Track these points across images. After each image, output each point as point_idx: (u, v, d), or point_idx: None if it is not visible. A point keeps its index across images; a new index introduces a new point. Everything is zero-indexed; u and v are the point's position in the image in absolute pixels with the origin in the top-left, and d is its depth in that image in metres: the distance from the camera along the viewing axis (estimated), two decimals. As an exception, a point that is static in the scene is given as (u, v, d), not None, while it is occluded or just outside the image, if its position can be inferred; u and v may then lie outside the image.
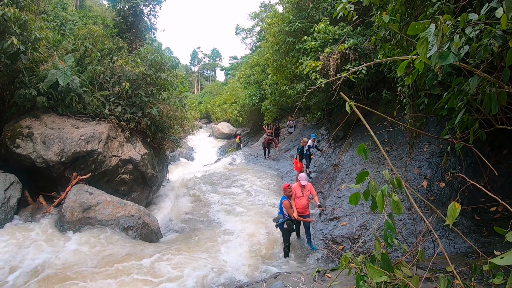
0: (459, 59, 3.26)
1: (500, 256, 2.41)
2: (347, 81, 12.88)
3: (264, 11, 46.65)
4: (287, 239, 8.82)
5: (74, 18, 25.65)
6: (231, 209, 12.87)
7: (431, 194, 7.90)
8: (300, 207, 8.96)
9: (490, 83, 3.56)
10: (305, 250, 9.32)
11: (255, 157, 23.10)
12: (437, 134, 8.11)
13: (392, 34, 6.45)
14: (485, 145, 7.29)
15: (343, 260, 3.41)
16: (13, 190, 9.99)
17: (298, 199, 9.01)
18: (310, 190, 9.13)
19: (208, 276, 7.77)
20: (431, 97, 6.58)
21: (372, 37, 7.07)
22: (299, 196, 9.01)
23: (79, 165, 11.45)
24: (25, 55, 10.93)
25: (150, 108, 13.52)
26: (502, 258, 2.39)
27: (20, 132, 10.78)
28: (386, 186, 3.08)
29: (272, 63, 19.26)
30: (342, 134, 15.51)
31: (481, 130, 4.35)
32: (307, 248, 9.32)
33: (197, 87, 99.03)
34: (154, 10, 17.99)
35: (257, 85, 32.09)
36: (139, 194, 13.64)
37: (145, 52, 14.49)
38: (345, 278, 5.09)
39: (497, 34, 3.27)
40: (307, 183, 9.03)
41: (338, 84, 4.73)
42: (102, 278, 7.38)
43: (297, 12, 17.20)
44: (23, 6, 11.25)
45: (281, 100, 23.32)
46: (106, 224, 10.02)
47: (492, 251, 4.91)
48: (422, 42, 3.06)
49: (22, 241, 8.75)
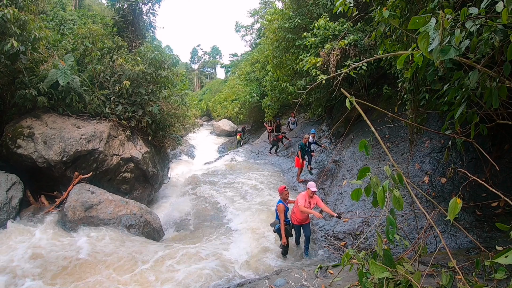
0: (460, 53, 3.24)
1: (504, 255, 2.40)
2: (348, 77, 12.86)
3: (264, 7, 46.46)
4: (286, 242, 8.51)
5: (74, 18, 25.55)
6: (233, 206, 12.89)
7: (433, 190, 7.90)
8: (302, 218, 8.47)
9: (490, 78, 3.55)
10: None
11: (256, 154, 23.09)
12: (438, 129, 8.10)
13: (393, 29, 6.45)
14: (486, 140, 7.29)
15: (345, 256, 3.41)
16: (15, 191, 10.01)
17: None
18: (318, 202, 8.42)
19: (211, 272, 7.78)
20: (432, 92, 6.57)
21: (373, 33, 7.06)
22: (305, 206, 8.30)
23: (80, 164, 11.45)
24: (25, 55, 10.92)
25: (151, 107, 13.51)
26: (506, 257, 2.38)
27: (21, 132, 10.78)
28: (387, 181, 3.08)
29: (272, 59, 19.24)
30: (343, 130, 15.51)
31: (482, 125, 4.35)
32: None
33: (197, 85, 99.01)
34: (153, 8, 17.92)
35: (258, 82, 32.05)
36: (140, 193, 13.65)
37: (145, 50, 14.47)
38: (347, 274, 5.10)
39: (497, 29, 3.26)
40: (315, 190, 8.36)
41: (338, 80, 4.72)
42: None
43: (297, 9, 17.15)
44: (22, 6, 11.23)
45: (282, 97, 23.25)
46: (108, 223, 10.04)
47: (494, 246, 4.92)
48: (423, 37, 3.04)
49: (24, 241, 8.78)
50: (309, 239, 8.80)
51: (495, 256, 2.47)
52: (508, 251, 2.40)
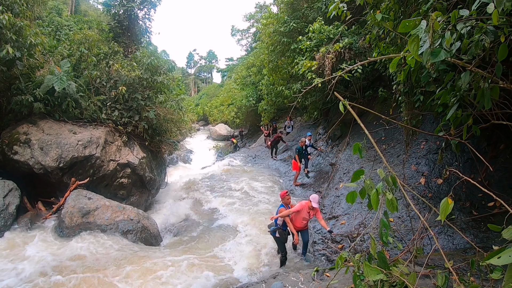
0: (451, 55, 3.27)
1: (497, 256, 2.40)
2: (343, 80, 12.91)
3: (259, 12, 46.71)
4: (282, 248, 8.40)
5: (69, 23, 25.52)
6: (230, 210, 12.90)
7: (429, 191, 7.92)
8: (300, 226, 8.38)
9: (483, 78, 3.58)
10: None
11: (253, 158, 23.10)
12: (433, 131, 8.13)
13: (387, 32, 6.48)
14: (481, 141, 7.33)
15: (339, 259, 3.42)
16: (12, 197, 9.98)
17: (300, 219, 8.29)
18: (317, 214, 8.24)
19: (208, 277, 7.79)
20: (426, 94, 6.61)
21: (367, 35, 7.08)
22: (303, 216, 8.24)
23: (77, 170, 11.44)
24: (21, 61, 10.92)
25: (147, 112, 13.50)
26: (499, 258, 2.38)
27: (18, 138, 10.76)
28: (380, 184, 3.10)
29: (268, 63, 19.27)
30: (339, 133, 15.55)
31: (475, 126, 4.38)
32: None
33: (193, 89, 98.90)
34: (149, 13, 17.95)
35: (254, 86, 32.09)
36: (138, 198, 13.62)
37: (141, 55, 14.46)
38: (344, 277, 5.11)
39: (488, 30, 3.28)
40: (317, 206, 8.10)
41: (333, 83, 4.74)
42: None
43: (292, 12, 17.22)
44: (18, 12, 11.24)
45: (278, 101, 23.31)
46: (106, 229, 10.02)
47: (490, 246, 4.94)
48: (413, 40, 3.07)
49: (22, 248, 8.76)
50: (307, 244, 8.75)
51: (486, 257, 2.48)
52: (501, 252, 2.41)
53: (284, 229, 8.27)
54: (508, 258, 2.31)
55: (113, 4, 16.76)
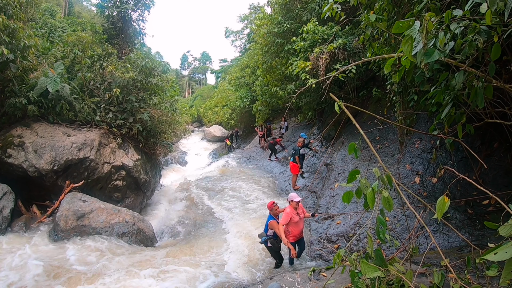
0: (444, 55, 3.30)
1: (493, 252, 2.43)
2: (337, 80, 12.94)
3: (253, 13, 46.64)
4: (277, 256, 8.15)
5: (63, 25, 25.46)
6: (225, 212, 12.90)
7: (424, 190, 7.95)
8: (298, 232, 7.88)
9: (477, 77, 3.61)
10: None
11: (248, 159, 23.10)
12: (427, 130, 8.17)
13: (380, 32, 6.51)
14: (475, 139, 7.38)
15: (336, 257, 3.43)
16: (6, 201, 9.92)
17: (295, 225, 7.75)
18: (303, 211, 8.06)
19: (204, 277, 7.78)
20: (420, 94, 6.65)
21: (361, 36, 7.11)
22: (296, 221, 7.70)
23: (71, 173, 11.39)
24: (14, 63, 10.88)
25: (141, 114, 13.48)
26: (495, 254, 2.40)
27: (11, 141, 10.70)
28: (376, 183, 3.11)
29: (262, 64, 19.26)
30: (334, 133, 15.56)
31: (469, 125, 4.41)
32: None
33: (188, 91, 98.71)
34: (143, 15, 17.89)
35: (248, 87, 32.05)
36: (133, 200, 13.59)
37: (135, 57, 14.44)
38: (340, 276, 5.12)
39: (481, 30, 3.31)
40: (300, 199, 7.77)
41: (327, 84, 4.76)
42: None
43: (286, 13, 17.21)
44: (11, 14, 11.20)
45: (272, 101, 23.29)
46: (101, 232, 9.99)
47: (486, 244, 4.97)
48: (407, 40, 3.09)
49: (17, 252, 8.71)
50: (302, 252, 8.48)
51: (484, 254, 2.50)
52: (497, 248, 2.43)
53: (275, 238, 7.85)
54: (504, 254, 2.34)
55: (107, 5, 16.68)
